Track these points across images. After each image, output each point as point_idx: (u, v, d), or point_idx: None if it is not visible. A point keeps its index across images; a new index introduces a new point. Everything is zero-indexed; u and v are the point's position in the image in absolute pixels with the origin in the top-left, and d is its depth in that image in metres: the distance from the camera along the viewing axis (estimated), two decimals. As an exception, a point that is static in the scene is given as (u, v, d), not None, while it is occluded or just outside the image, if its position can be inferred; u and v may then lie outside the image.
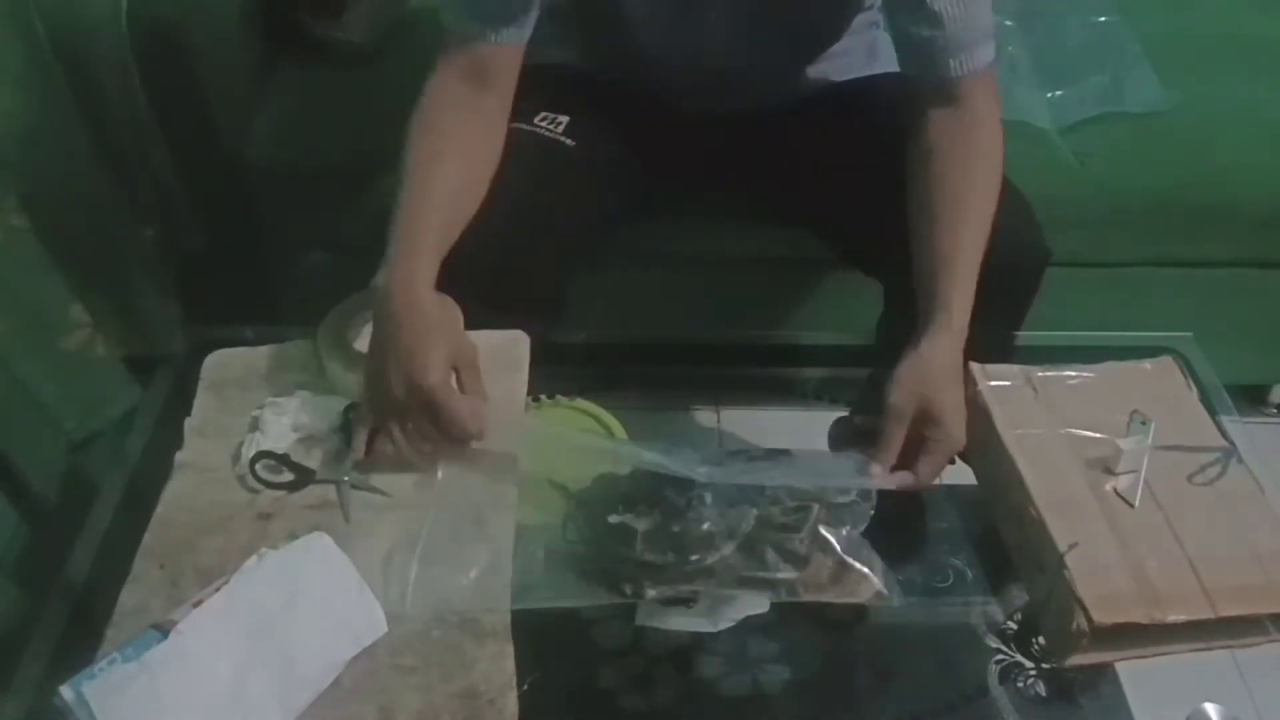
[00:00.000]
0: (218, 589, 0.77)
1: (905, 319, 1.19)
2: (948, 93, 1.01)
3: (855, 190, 1.12)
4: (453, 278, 1.05)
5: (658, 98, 1.21)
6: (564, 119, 1.15)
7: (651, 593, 0.84)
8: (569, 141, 1.14)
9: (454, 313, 0.94)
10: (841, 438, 1.03)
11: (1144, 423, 0.90)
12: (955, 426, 0.91)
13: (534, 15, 1.00)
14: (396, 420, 0.89)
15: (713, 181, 1.30)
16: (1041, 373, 0.98)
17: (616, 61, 1.14)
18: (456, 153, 0.99)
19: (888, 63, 1.15)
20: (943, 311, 0.94)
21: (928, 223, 0.98)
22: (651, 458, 0.88)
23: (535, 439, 0.98)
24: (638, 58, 1.13)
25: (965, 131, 1.01)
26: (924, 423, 0.91)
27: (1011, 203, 1.11)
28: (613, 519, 0.87)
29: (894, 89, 1.07)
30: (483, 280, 1.05)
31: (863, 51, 1.21)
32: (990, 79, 1.03)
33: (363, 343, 1.01)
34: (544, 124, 1.15)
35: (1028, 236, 1.10)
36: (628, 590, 0.85)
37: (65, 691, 0.70)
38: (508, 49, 1.00)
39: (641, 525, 0.86)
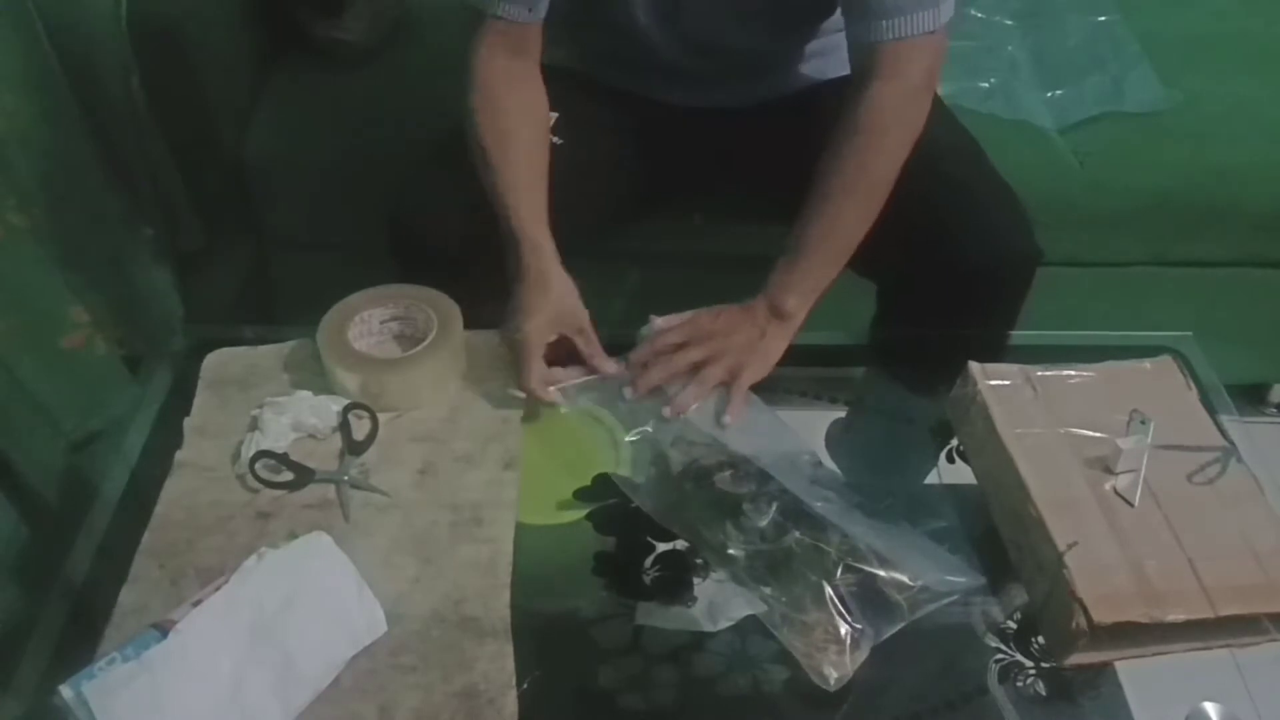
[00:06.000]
0: (217, 588, 0.77)
1: (899, 318, 1.20)
2: (874, 58, 1.00)
3: None
4: (446, 275, 1.05)
5: (648, 94, 1.21)
6: (553, 116, 1.16)
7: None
8: (558, 140, 1.14)
9: (569, 286, 1.01)
10: (839, 438, 1.03)
11: (1144, 422, 0.90)
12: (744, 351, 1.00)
13: None
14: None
15: (704, 179, 1.30)
16: (1041, 372, 0.98)
17: (605, 53, 1.13)
18: (527, 124, 1.07)
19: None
20: (784, 296, 1.02)
21: (814, 199, 1.02)
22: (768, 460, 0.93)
23: (534, 438, 0.99)
24: (625, 41, 1.13)
25: (879, 105, 1.00)
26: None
27: (1005, 203, 1.11)
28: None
29: None
30: (475, 277, 1.05)
31: None
32: (924, 49, 1.00)
33: (363, 343, 1.01)
34: None
35: (1019, 237, 1.10)
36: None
37: (65, 691, 0.71)
38: (538, 22, 1.05)
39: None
